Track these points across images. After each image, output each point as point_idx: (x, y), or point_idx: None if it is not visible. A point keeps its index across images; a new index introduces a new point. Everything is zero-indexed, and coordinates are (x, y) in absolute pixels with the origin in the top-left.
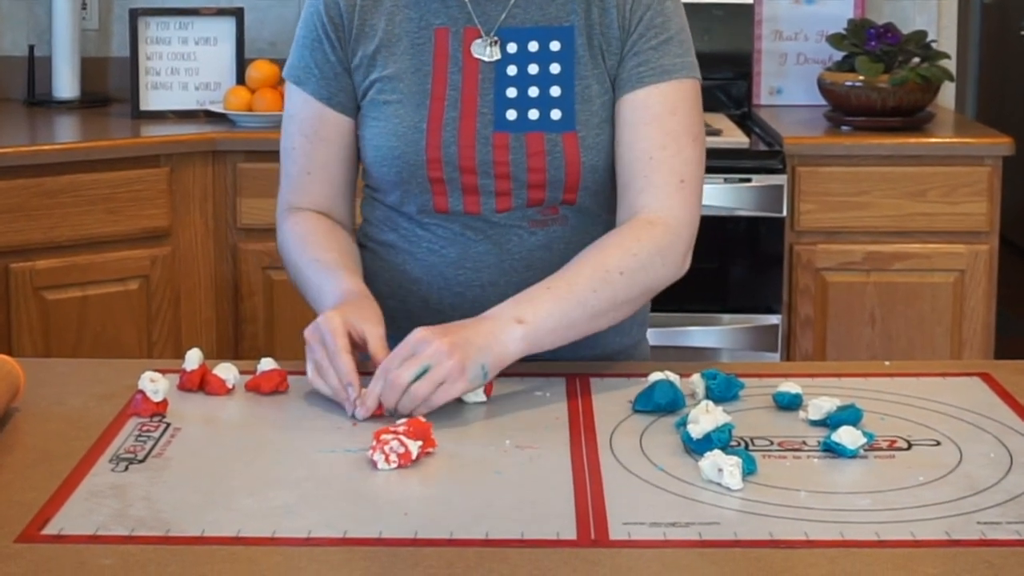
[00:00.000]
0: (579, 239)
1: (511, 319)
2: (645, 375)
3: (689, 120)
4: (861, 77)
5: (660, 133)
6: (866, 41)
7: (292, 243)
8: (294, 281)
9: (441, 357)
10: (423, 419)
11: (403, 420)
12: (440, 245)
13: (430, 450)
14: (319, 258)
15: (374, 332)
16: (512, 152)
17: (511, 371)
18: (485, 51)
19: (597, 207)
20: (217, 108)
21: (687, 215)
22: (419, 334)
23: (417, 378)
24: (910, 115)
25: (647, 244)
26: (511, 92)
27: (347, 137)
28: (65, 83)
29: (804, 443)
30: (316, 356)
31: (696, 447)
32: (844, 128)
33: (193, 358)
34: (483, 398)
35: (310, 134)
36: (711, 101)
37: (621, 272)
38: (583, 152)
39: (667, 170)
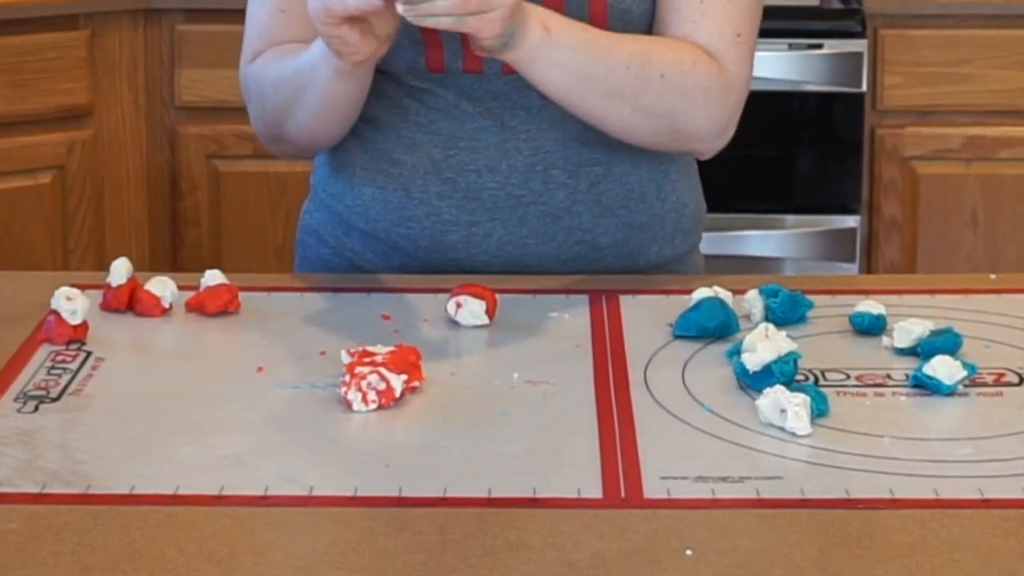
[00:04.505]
0: None
1: (538, 19)
2: (688, 292)
3: None
4: None
5: None
6: None
7: (271, 67)
8: (284, 99)
9: None
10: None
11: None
12: (430, 119)
13: (416, 384)
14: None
15: None
16: None
17: (519, 286)
18: None
19: None
20: None
21: (744, 74)
22: None
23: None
24: None
25: (701, 71)
26: None
27: None
28: None
29: (888, 377)
30: None
31: (753, 382)
32: None
33: (120, 270)
34: (484, 320)
35: None
36: None
37: (662, 75)
38: None
39: (722, 18)
